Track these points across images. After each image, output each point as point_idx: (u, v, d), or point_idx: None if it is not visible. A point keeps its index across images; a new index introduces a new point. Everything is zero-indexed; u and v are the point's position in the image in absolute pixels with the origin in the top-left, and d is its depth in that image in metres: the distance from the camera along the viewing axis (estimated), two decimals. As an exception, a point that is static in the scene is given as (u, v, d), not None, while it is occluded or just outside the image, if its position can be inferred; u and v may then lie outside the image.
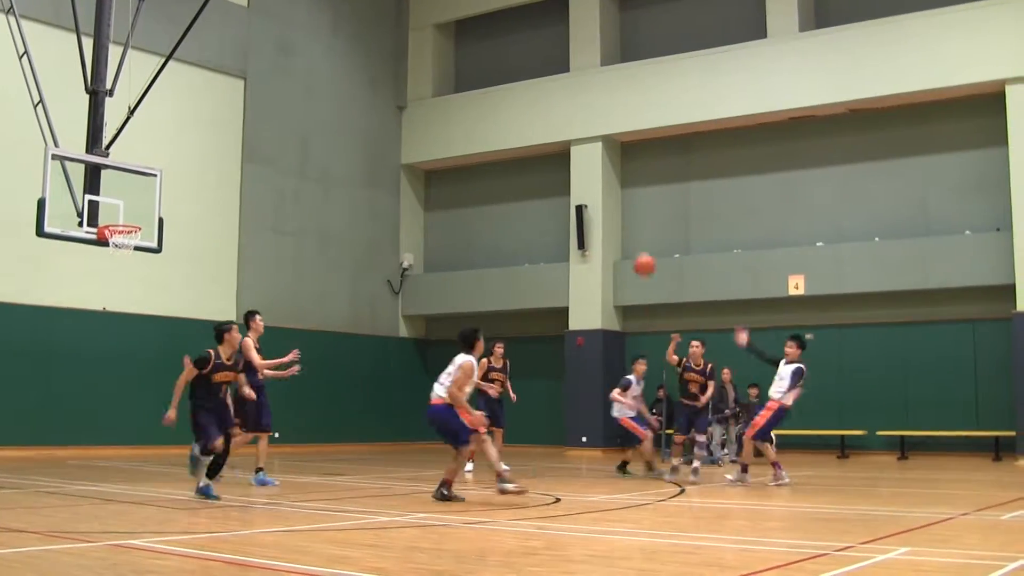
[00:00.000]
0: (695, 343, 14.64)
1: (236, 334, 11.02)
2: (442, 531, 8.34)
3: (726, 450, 19.10)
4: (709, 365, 14.59)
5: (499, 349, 16.33)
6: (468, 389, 10.96)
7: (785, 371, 13.21)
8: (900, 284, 20.60)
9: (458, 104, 26.31)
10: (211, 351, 10.77)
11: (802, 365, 13.24)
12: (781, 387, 13.19)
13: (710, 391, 14.64)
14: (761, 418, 13.35)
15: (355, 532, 8.30)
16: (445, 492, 10.69)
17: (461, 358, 10.92)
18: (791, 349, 13.33)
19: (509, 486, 10.92)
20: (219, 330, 10.99)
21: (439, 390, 10.84)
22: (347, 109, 25.67)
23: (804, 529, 8.99)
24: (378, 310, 26.12)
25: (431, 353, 26.57)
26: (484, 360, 16.38)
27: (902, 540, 7.75)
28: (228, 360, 10.88)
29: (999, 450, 19.21)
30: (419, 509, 10.02)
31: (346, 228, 25.41)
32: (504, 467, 11.08)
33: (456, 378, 10.76)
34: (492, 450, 11.20)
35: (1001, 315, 19.74)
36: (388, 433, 25.09)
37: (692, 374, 14.47)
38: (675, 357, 14.46)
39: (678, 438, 14.84)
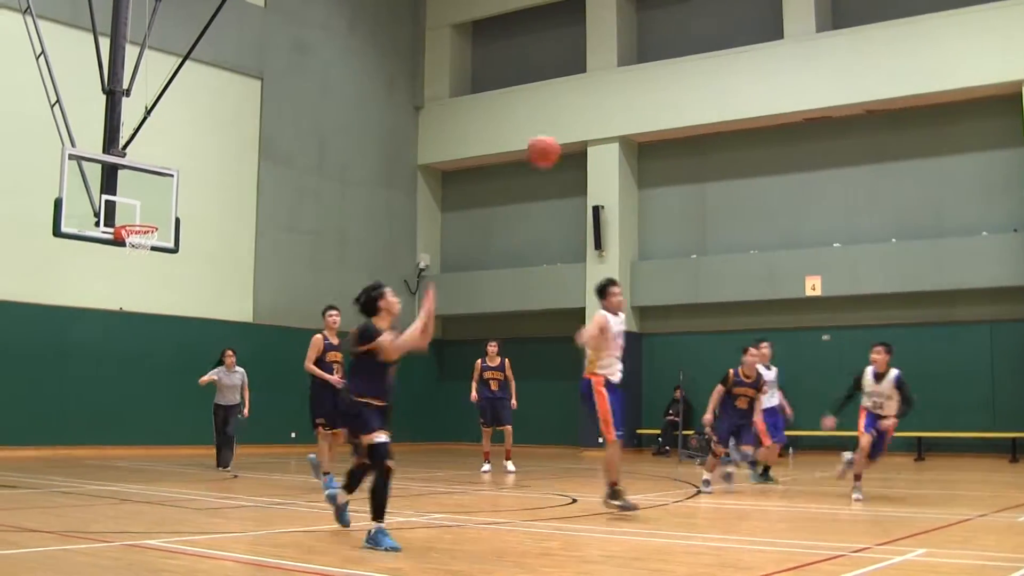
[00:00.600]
0: (752, 351, 12.67)
1: (392, 297, 8.09)
2: (458, 532, 8.34)
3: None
4: (760, 374, 12.81)
5: (492, 348, 16.31)
6: (606, 348, 9.80)
7: (886, 387, 11.38)
8: (917, 285, 20.50)
9: (475, 104, 26.32)
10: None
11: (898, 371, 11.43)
12: (892, 405, 11.43)
13: (759, 406, 12.85)
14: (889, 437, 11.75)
15: (370, 532, 8.28)
16: (616, 499, 9.64)
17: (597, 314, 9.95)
18: (880, 356, 11.33)
19: (616, 502, 9.66)
20: (371, 296, 8.03)
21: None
22: (364, 109, 25.69)
23: (821, 530, 8.94)
24: (394, 310, 26.04)
25: (447, 354, 26.55)
26: (478, 361, 16.42)
27: (919, 541, 7.71)
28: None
29: (1016, 451, 19.11)
30: (435, 509, 10.03)
31: (363, 228, 25.42)
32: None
33: (588, 330, 9.80)
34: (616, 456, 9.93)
35: (1018, 316, 19.65)
36: (403, 434, 24.74)
37: (742, 388, 12.51)
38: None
39: (719, 450, 12.45)
